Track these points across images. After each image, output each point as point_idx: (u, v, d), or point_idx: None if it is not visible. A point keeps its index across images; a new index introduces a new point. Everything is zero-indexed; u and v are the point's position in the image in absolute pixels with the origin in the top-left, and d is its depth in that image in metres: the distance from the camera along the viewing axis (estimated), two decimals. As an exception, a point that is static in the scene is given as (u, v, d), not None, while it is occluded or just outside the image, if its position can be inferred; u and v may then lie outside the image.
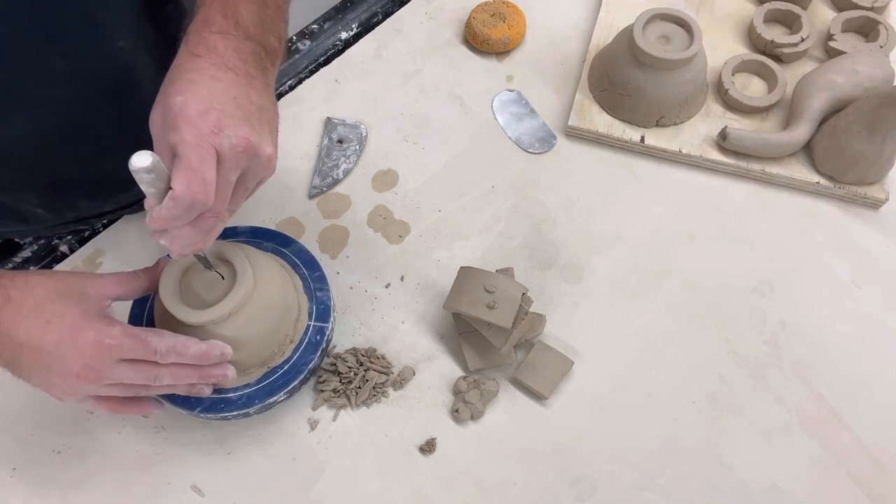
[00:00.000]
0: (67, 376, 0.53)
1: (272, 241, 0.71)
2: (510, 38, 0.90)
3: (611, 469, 0.68)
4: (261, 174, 0.54)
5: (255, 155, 0.51)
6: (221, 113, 0.49)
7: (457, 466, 0.68)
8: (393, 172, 0.84)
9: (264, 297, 0.62)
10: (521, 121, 0.87)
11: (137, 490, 0.67)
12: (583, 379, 0.72)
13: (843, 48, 0.87)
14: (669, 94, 0.81)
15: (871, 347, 0.74)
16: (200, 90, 0.50)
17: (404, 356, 0.73)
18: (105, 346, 0.53)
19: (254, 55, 0.54)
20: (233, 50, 0.53)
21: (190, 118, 0.48)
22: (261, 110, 0.53)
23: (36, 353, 0.53)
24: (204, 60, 0.52)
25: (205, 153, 0.48)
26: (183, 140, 0.48)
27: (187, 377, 0.58)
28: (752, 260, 0.79)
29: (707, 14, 0.94)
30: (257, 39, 0.55)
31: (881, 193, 0.81)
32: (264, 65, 0.56)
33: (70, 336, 0.52)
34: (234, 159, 0.50)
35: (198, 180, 0.48)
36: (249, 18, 0.55)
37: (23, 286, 0.53)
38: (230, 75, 0.52)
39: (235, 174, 0.51)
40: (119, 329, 0.54)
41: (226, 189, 0.51)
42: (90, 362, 0.53)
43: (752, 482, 0.68)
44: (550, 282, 0.77)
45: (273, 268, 0.65)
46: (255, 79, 0.54)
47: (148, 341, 0.55)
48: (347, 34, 0.94)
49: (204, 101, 0.49)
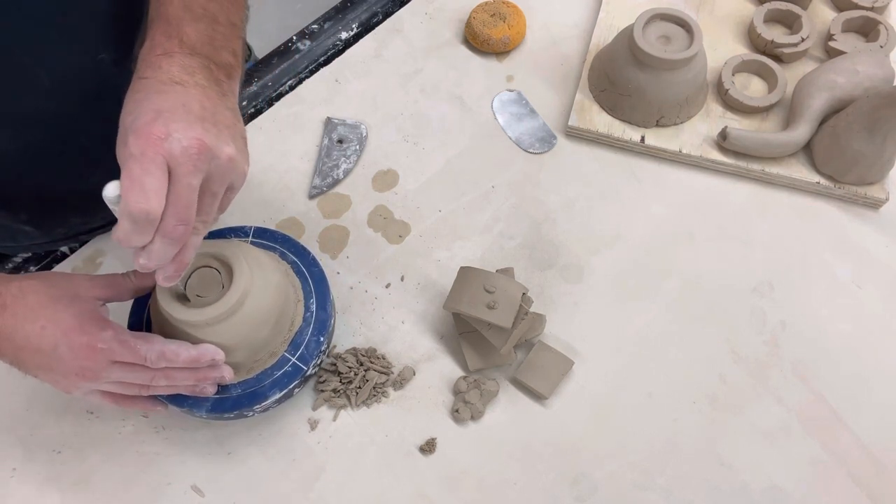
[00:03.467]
0: (68, 375, 0.55)
1: (272, 241, 0.71)
2: (510, 38, 0.90)
3: (611, 469, 0.68)
4: (227, 178, 0.52)
5: (214, 157, 0.50)
6: (169, 117, 0.48)
7: (457, 466, 0.68)
8: (393, 172, 0.84)
9: (261, 297, 0.62)
10: (521, 121, 0.87)
11: (137, 490, 0.67)
12: (583, 379, 0.72)
13: (843, 48, 0.87)
14: (669, 94, 0.81)
15: (871, 347, 0.74)
16: (147, 104, 0.49)
17: (404, 356, 0.73)
18: (97, 350, 0.54)
19: (202, 68, 0.54)
20: (178, 67, 0.52)
21: (138, 130, 0.48)
22: (215, 114, 0.52)
23: (36, 356, 0.54)
24: (149, 80, 0.51)
25: (147, 163, 0.47)
26: (130, 154, 0.47)
27: (183, 379, 0.59)
28: (752, 260, 0.79)
29: (707, 14, 0.94)
30: (205, 55, 0.55)
31: (881, 193, 0.81)
32: (216, 77, 0.55)
33: (64, 340, 0.54)
34: (189, 162, 0.48)
35: (136, 189, 0.47)
36: (196, 37, 0.55)
37: (17, 292, 0.55)
38: (177, 87, 0.51)
39: (196, 177, 0.49)
40: (110, 334, 0.55)
41: (188, 194, 0.49)
42: (86, 364, 0.55)
43: (752, 482, 0.68)
44: (550, 282, 0.77)
45: (271, 267, 0.65)
46: (206, 88, 0.53)
47: (136, 348, 0.56)
48: (347, 34, 0.94)
49: (150, 113, 0.48)
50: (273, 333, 0.64)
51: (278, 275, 0.65)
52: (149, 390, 0.59)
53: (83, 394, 0.58)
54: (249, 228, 0.71)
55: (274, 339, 0.64)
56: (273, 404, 0.65)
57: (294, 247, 0.70)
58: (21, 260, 0.79)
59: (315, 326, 0.66)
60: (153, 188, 0.47)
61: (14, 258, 0.79)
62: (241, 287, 0.59)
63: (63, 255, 0.79)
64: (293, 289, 0.67)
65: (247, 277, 0.60)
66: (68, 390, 0.57)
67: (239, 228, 0.71)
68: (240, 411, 0.63)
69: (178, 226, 0.50)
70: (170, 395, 0.63)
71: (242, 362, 0.63)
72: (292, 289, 0.67)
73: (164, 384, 0.58)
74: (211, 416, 0.64)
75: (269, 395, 0.64)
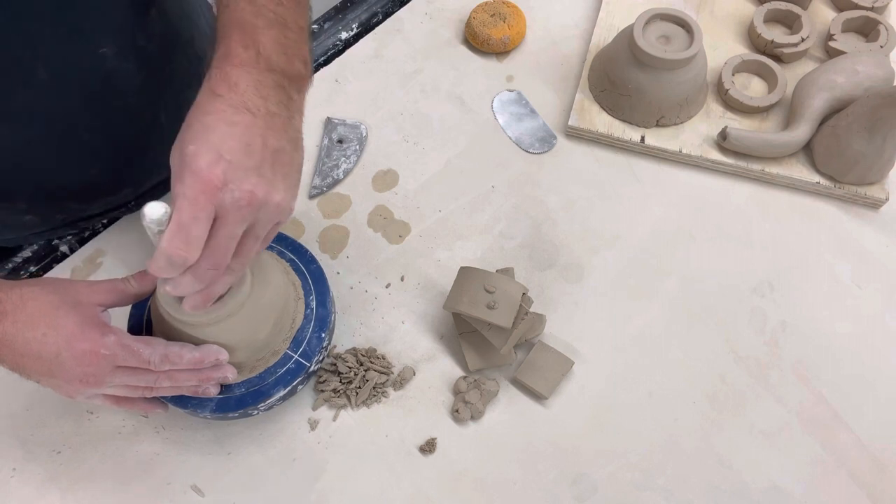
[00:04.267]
0: (71, 381, 0.55)
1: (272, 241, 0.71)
2: (510, 38, 0.90)
3: (611, 469, 0.68)
4: (273, 221, 0.53)
5: (263, 204, 0.51)
6: (229, 165, 0.49)
7: (457, 466, 0.68)
8: (393, 172, 0.84)
9: (262, 298, 0.61)
10: (521, 121, 0.87)
11: (137, 490, 0.67)
12: (583, 379, 0.72)
13: (843, 48, 0.87)
14: (669, 94, 0.81)
15: (871, 347, 0.74)
16: (212, 137, 0.49)
17: (404, 356, 0.73)
18: (100, 357, 0.54)
19: (276, 88, 0.53)
20: (254, 87, 0.52)
21: (196, 171, 0.48)
22: (276, 154, 0.52)
23: (38, 362, 0.54)
24: (222, 101, 0.51)
25: (199, 210, 0.48)
26: (183, 194, 0.48)
27: (186, 380, 0.59)
28: (752, 260, 0.79)
29: (707, 14, 0.94)
30: (280, 69, 0.54)
31: (881, 193, 0.81)
32: (288, 95, 0.54)
33: (67, 347, 0.54)
34: (237, 213, 0.49)
35: (181, 237, 0.48)
36: (271, 47, 0.54)
37: (17, 300, 0.54)
38: (247, 118, 0.51)
39: (240, 227, 0.50)
40: (113, 339, 0.55)
41: (226, 243, 0.50)
42: (89, 370, 0.54)
43: (752, 482, 0.68)
44: (550, 282, 0.77)
45: (272, 266, 0.65)
46: (275, 117, 0.52)
47: (140, 352, 0.56)
48: (347, 34, 0.94)
49: (213, 151, 0.48)
50: (274, 332, 0.64)
51: (278, 273, 0.65)
52: (152, 392, 0.59)
53: (86, 399, 0.58)
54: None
55: (276, 338, 0.64)
56: (277, 402, 0.65)
57: (291, 245, 0.71)
58: (21, 260, 0.79)
59: (316, 323, 0.66)
60: (196, 237, 0.48)
61: (14, 258, 0.79)
62: (241, 287, 0.59)
63: (63, 255, 0.79)
64: (293, 287, 0.67)
65: (247, 280, 0.60)
66: (71, 395, 0.57)
67: None
68: (244, 410, 0.63)
69: (209, 270, 0.51)
70: (173, 397, 0.63)
71: (245, 361, 0.63)
72: (292, 287, 0.67)
73: (168, 385, 0.58)
74: (215, 416, 0.63)
75: (273, 393, 0.64)
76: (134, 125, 0.70)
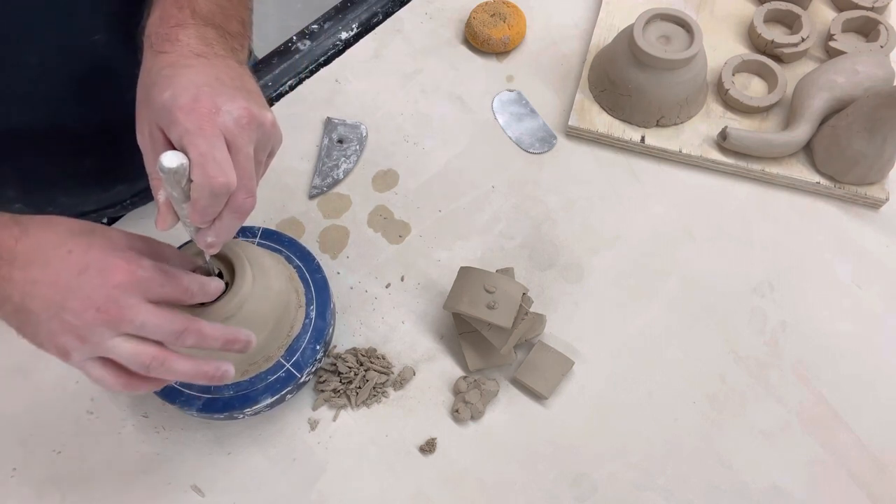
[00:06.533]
0: (85, 311, 0.46)
1: (279, 244, 0.71)
2: (510, 38, 0.90)
3: (611, 469, 0.68)
4: (270, 143, 0.53)
5: (260, 124, 0.50)
6: (212, 92, 0.48)
7: (457, 466, 0.68)
8: (393, 172, 0.84)
9: (261, 303, 0.61)
10: (521, 121, 0.87)
11: (137, 490, 0.67)
12: (583, 379, 0.72)
13: (843, 48, 0.87)
14: (670, 94, 0.81)
15: (871, 347, 0.74)
16: (180, 80, 0.49)
17: (404, 356, 0.73)
18: (136, 277, 0.47)
19: (218, 38, 0.54)
20: (196, 38, 0.52)
21: (184, 108, 0.47)
22: (242, 82, 0.52)
23: (52, 289, 0.46)
24: (170, 56, 0.51)
25: (211, 136, 0.47)
26: (186, 130, 0.47)
27: (214, 340, 0.52)
28: (752, 260, 0.79)
29: (707, 14, 0.94)
30: (218, 24, 0.54)
31: (881, 193, 0.81)
32: (231, 45, 0.55)
33: (97, 261, 0.47)
34: (243, 133, 0.49)
35: (212, 164, 0.46)
36: (206, 6, 0.54)
37: (43, 224, 0.49)
38: (201, 60, 0.51)
39: (251, 147, 0.50)
40: (151, 262, 0.49)
41: (248, 164, 0.49)
42: (115, 294, 0.47)
43: (752, 482, 0.68)
44: (550, 282, 0.77)
45: (275, 272, 0.64)
46: (226, 58, 0.53)
47: (180, 279, 0.50)
48: (347, 34, 0.94)
49: (189, 88, 0.48)
50: (270, 338, 0.63)
51: (281, 280, 0.64)
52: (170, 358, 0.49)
53: (84, 358, 0.48)
54: (258, 229, 0.71)
55: (271, 344, 0.64)
56: (264, 409, 0.65)
57: (300, 251, 0.70)
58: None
59: (312, 334, 0.66)
60: (225, 159, 0.47)
61: None
62: (239, 293, 0.58)
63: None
64: (296, 294, 0.67)
65: (248, 282, 0.59)
66: (70, 344, 0.47)
67: (247, 228, 0.71)
68: (230, 413, 0.63)
69: (247, 198, 0.50)
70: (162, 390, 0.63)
71: (237, 363, 0.63)
72: (295, 294, 0.67)
73: (192, 342, 0.50)
74: (202, 415, 0.64)
75: (261, 400, 0.63)
76: (126, 118, 0.70)
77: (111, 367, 0.49)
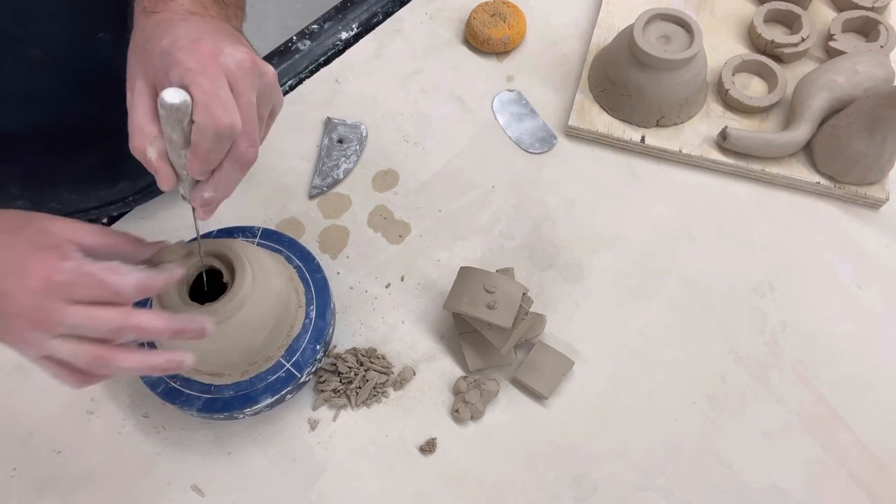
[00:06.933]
0: (14, 319, 0.45)
1: (279, 244, 0.71)
2: (510, 38, 0.90)
3: (611, 469, 0.68)
4: (271, 99, 0.50)
5: (262, 73, 0.48)
6: (213, 37, 0.46)
7: (457, 466, 0.68)
8: (393, 172, 0.84)
9: (261, 303, 0.61)
10: (522, 121, 0.87)
11: (137, 490, 0.67)
12: (583, 379, 0.72)
13: (843, 48, 0.87)
14: (670, 94, 0.81)
15: (871, 347, 0.74)
16: (179, 29, 0.47)
17: (404, 356, 0.73)
18: (52, 282, 0.44)
19: (213, 2, 0.52)
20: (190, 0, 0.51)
21: (185, 48, 0.45)
22: (238, 37, 0.50)
23: None
24: (164, 14, 0.49)
25: (215, 76, 0.45)
26: (188, 69, 0.44)
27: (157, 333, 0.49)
28: (752, 260, 0.79)
29: (707, 14, 0.94)
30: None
31: (881, 193, 0.81)
32: (226, 14, 0.53)
33: (15, 270, 0.45)
34: (246, 78, 0.46)
35: (217, 103, 0.44)
36: None
37: None
38: (195, 17, 0.50)
39: (254, 94, 0.47)
40: (73, 264, 0.45)
41: (251, 111, 0.47)
42: (37, 302, 0.44)
43: (752, 482, 0.68)
44: (550, 282, 0.77)
45: (275, 272, 0.64)
46: (220, 21, 0.52)
47: (106, 280, 0.46)
48: (347, 34, 0.94)
49: (190, 34, 0.46)
50: (270, 338, 0.63)
51: (281, 280, 0.64)
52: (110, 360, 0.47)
53: (35, 356, 0.47)
54: (257, 229, 0.71)
55: (271, 344, 0.64)
56: (264, 409, 0.65)
57: (300, 251, 0.70)
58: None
59: (312, 334, 0.66)
60: (229, 100, 0.45)
61: None
62: (239, 293, 0.58)
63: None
64: (296, 294, 0.67)
65: (248, 283, 0.59)
66: (16, 345, 0.46)
67: (247, 228, 0.71)
68: (230, 413, 0.63)
69: (249, 147, 0.47)
70: (163, 390, 0.63)
71: (237, 363, 0.63)
72: (295, 294, 0.67)
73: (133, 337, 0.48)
74: (202, 415, 0.64)
75: (261, 400, 0.63)
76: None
77: (63, 364, 0.47)
